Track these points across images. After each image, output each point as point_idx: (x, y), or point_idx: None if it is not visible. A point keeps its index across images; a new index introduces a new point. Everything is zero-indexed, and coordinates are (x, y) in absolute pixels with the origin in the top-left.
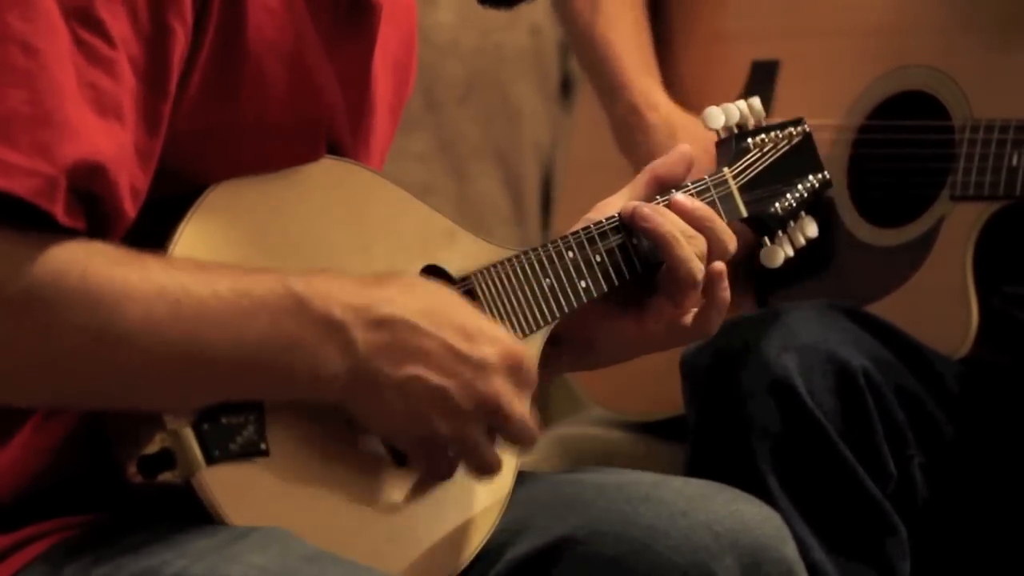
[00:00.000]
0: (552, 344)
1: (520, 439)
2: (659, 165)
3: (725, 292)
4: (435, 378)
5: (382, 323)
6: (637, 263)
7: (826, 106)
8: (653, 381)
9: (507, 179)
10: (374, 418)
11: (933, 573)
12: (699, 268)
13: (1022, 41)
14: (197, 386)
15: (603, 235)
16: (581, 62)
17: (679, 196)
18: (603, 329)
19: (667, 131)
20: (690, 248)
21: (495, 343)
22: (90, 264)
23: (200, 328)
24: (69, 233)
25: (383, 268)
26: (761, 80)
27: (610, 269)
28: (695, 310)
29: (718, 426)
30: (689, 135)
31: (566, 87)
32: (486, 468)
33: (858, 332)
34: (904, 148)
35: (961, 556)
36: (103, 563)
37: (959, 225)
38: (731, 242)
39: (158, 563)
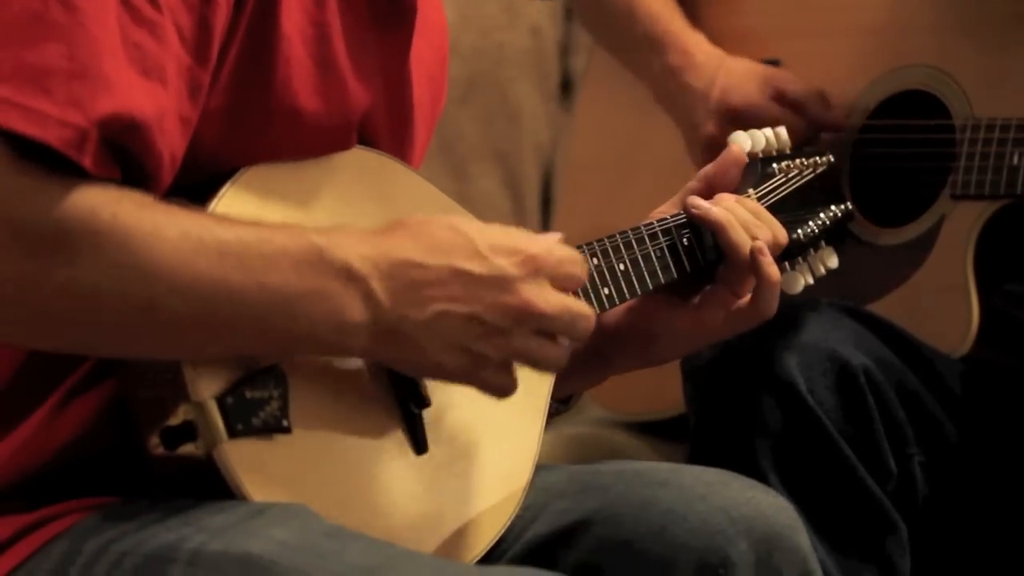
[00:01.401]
0: (615, 341)
1: (572, 329)
2: (711, 169)
3: (772, 267)
4: (459, 307)
5: (395, 268)
6: (663, 273)
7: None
8: (654, 381)
9: (507, 179)
10: (413, 363)
11: (933, 571)
12: (750, 251)
13: (1022, 40)
14: (222, 332)
15: (627, 245)
16: (605, 27)
17: (724, 195)
18: (663, 322)
19: (715, 65)
20: (744, 233)
21: (510, 253)
22: (121, 204)
23: (226, 270)
24: (102, 179)
25: None
26: None
27: (634, 279)
28: (749, 295)
29: (719, 424)
30: (736, 69)
31: (566, 87)
32: (549, 365)
33: (859, 331)
34: (905, 147)
35: (961, 554)
36: (123, 540)
37: (960, 224)
38: (780, 234)
39: (177, 539)
